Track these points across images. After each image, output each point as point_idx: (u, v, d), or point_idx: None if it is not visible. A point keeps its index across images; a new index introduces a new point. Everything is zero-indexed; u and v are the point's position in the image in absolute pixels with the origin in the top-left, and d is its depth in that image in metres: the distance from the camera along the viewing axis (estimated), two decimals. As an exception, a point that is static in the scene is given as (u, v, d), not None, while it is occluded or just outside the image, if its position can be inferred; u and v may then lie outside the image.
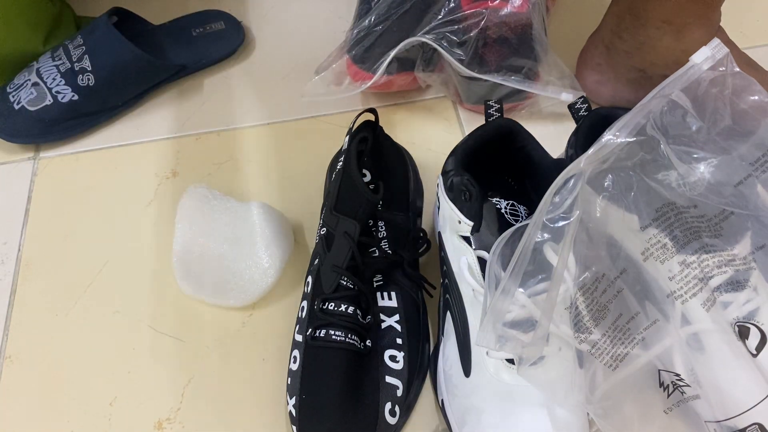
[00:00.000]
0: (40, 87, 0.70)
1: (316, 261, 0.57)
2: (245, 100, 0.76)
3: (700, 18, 0.61)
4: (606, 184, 0.45)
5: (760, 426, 0.45)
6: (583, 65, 0.73)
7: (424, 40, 0.66)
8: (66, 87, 0.70)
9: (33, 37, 0.74)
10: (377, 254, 0.57)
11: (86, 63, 0.70)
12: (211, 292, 0.60)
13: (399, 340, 0.55)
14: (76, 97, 0.70)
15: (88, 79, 0.70)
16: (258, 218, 0.62)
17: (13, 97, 0.71)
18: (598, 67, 0.71)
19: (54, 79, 0.70)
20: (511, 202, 0.58)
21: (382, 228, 0.59)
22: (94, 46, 0.70)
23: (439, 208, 0.58)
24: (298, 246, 0.65)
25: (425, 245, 0.58)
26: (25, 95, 0.70)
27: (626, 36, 0.65)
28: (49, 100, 0.70)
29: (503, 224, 0.56)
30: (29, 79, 0.71)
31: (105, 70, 0.70)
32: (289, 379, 0.53)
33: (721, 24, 0.65)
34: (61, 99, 0.70)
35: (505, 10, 0.65)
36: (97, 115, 0.73)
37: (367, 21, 0.68)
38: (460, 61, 0.66)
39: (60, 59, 0.71)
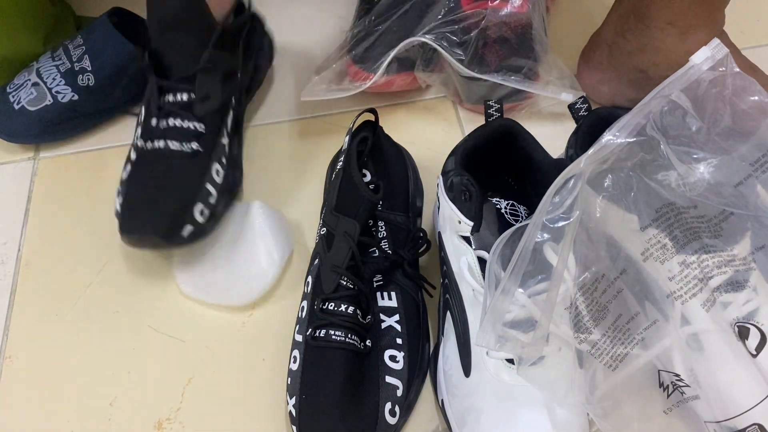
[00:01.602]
0: (40, 87, 0.70)
1: (316, 261, 0.57)
2: (245, 100, 0.76)
3: (705, 20, 0.61)
4: (606, 184, 0.45)
5: (760, 426, 0.45)
6: (585, 64, 0.73)
7: (424, 40, 0.66)
8: (66, 87, 0.70)
9: (33, 38, 0.74)
10: (377, 254, 0.57)
11: (86, 63, 0.70)
12: (211, 292, 0.60)
13: (399, 340, 0.55)
14: (76, 97, 0.70)
15: (88, 79, 0.70)
16: (258, 218, 0.62)
17: (13, 97, 0.70)
18: (599, 67, 0.71)
19: (54, 79, 0.70)
20: (511, 202, 0.58)
21: (382, 228, 0.59)
22: (94, 46, 0.70)
23: (439, 208, 0.58)
24: (298, 246, 0.65)
25: (425, 245, 0.58)
26: (25, 95, 0.70)
27: (629, 36, 0.65)
28: (49, 100, 0.70)
29: (503, 224, 0.56)
30: (29, 79, 0.71)
31: (105, 71, 0.70)
32: (289, 379, 0.53)
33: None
34: (61, 99, 0.70)
35: (505, 10, 0.65)
36: (96, 115, 0.73)
37: (367, 21, 0.68)
38: (460, 61, 0.66)
39: (60, 59, 0.71)
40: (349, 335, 0.53)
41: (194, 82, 0.60)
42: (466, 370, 0.51)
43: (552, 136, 0.61)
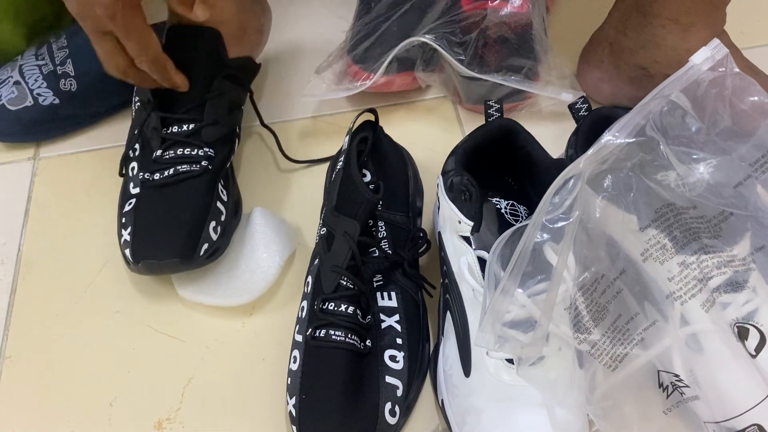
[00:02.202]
0: (22, 87, 0.69)
1: (316, 261, 0.57)
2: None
3: (706, 18, 0.61)
4: (605, 184, 0.45)
5: (759, 427, 0.45)
6: (586, 62, 0.73)
7: (424, 40, 0.66)
8: (47, 90, 0.69)
9: (15, 33, 0.73)
10: (377, 254, 0.57)
11: (69, 68, 0.69)
12: (211, 294, 0.60)
13: (399, 340, 0.55)
14: (57, 101, 0.69)
15: (71, 84, 0.69)
16: (258, 222, 0.62)
17: None
18: (600, 65, 0.71)
19: (36, 80, 0.69)
20: (511, 202, 0.58)
21: (382, 228, 0.59)
22: (77, 51, 0.69)
23: (439, 208, 0.58)
24: (298, 246, 0.65)
25: (425, 245, 0.58)
26: (6, 93, 0.69)
27: (631, 33, 0.65)
28: (29, 102, 0.69)
29: (503, 224, 0.56)
30: (11, 76, 0.70)
31: (88, 78, 0.69)
32: (289, 379, 0.53)
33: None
34: (42, 101, 0.69)
35: (505, 10, 0.65)
36: (77, 120, 0.72)
37: (367, 21, 0.68)
38: (460, 61, 0.66)
39: (43, 59, 0.70)
40: (349, 335, 0.53)
41: (201, 111, 0.61)
42: (466, 370, 0.51)
43: (552, 136, 0.62)
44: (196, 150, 0.60)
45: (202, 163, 0.60)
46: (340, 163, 0.58)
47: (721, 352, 0.46)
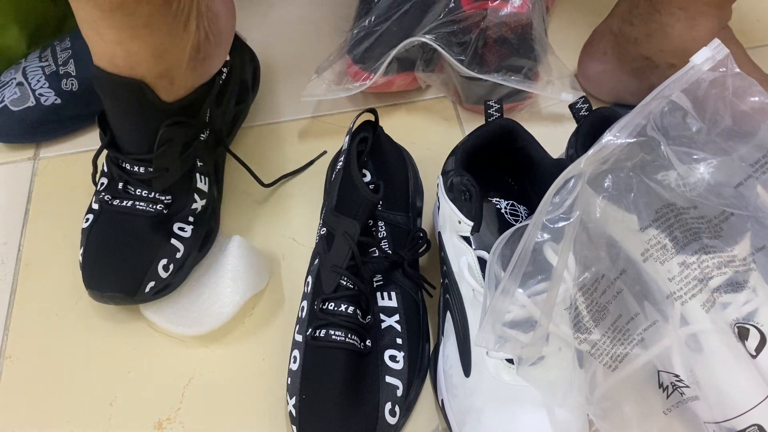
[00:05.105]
0: (24, 87, 0.69)
1: (316, 261, 0.57)
2: (245, 99, 0.76)
3: (714, 8, 0.62)
4: (606, 184, 0.45)
5: (759, 427, 0.45)
6: (588, 56, 0.73)
7: (424, 40, 0.66)
8: (49, 90, 0.69)
9: (18, 36, 0.73)
10: (377, 254, 0.57)
11: (71, 68, 0.69)
12: (166, 318, 0.59)
13: (399, 340, 0.55)
14: (58, 101, 0.69)
15: (72, 84, 0.69)
16: (233, 254, 0.60)
17: None
18: (602, 57, 0.71)
19: (38, 81, 0.69)
20: (511, 202, 0.58)
21: (382, 228, 0.59)
22: (79, 51, 0.69)
23: (439, 208, 0.58)
24: (298, 246, 0.65)
25: (425, 245, 0.58)
26: (9, 94, 0.69)
27: (637, 22, 0.65)
28: (31, 102, 0.69)
29: (503, 224, 0.56)
30: (14, 78, 0.70)
31: (89, 77, 0.69)
32: (289, 379, 0.53)
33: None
34: (44, 101, 0.69)
35: (505, 10, 0.65)
36: (79, 120, 0.72)
37: (367, 21, 0.68)
38: (460, 61, 0.66)
39: (46, 60, 0.70)
40: (349, 335, 0.53)
41: (150, 161, 0.57)
42: (466, 370, 0.51)
43: (552, 136, 0.62)
44: (154, 194, 0.59)
45: (158, 207, 0.58)
46: (340, 163, 0.58)
47: (722, 353, 0.46)
